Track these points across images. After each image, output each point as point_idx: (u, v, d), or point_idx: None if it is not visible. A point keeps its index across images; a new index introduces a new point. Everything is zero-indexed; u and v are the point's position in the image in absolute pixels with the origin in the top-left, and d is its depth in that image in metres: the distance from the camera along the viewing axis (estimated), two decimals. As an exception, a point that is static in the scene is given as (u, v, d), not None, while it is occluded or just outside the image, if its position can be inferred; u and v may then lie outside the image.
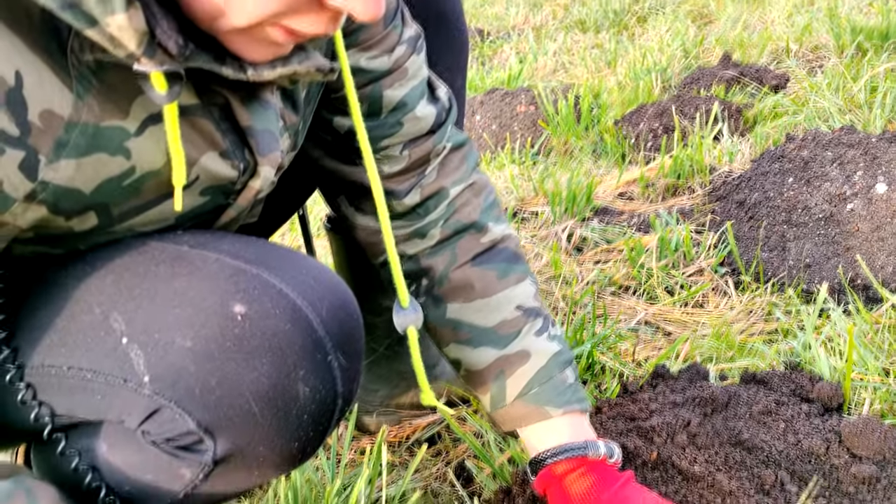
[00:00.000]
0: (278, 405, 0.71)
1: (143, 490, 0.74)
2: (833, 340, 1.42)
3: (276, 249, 0.79)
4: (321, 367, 0.73)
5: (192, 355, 0.68)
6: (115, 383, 0.70)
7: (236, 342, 0.69)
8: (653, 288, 1.80)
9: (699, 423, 1.17)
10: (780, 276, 1.73)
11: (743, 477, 1.09)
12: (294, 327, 0.71)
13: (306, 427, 0.74)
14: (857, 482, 1.06)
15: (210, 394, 0.69)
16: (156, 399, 0.69)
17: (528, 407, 1.00)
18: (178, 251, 0.75)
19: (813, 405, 1.22)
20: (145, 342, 0.70)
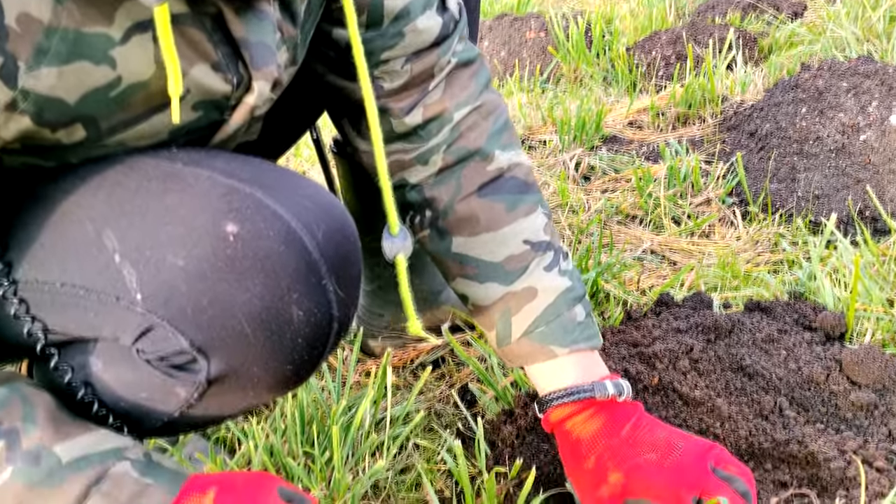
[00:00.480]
0: (271, 327, 0.70)
1: (138, 408, 0.74)
2: (839, 272, 1.42)
3: (273, 169, 0.78)
4: (316, 291, 0.72)
5: (183, 274, 0.68)
6: (108, 301, 0.70)
7: (228, 262, 0.68)
8: (659, 217, 1.79)
9: (702, 349, 1.18)
10: (788, 207, 1.72)
11: (742, 402, 1.11)
12: (288, 249, 0.70)
13: (301, 350, 0.74)
14: (856, 409, 1.08)
15: (202, 313, 0.68)
16: (148, 317, 0.69)
17: (534, 345, 0.98)
18: (170, 168, 0.73)
19: (815, 334, 1.23)
20: (137, 260, 0.69)
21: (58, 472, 0.65)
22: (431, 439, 1.21)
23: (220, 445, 1.23)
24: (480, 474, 1.06)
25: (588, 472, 0.91)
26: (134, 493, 0.66)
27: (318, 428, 1.13)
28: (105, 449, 0.68)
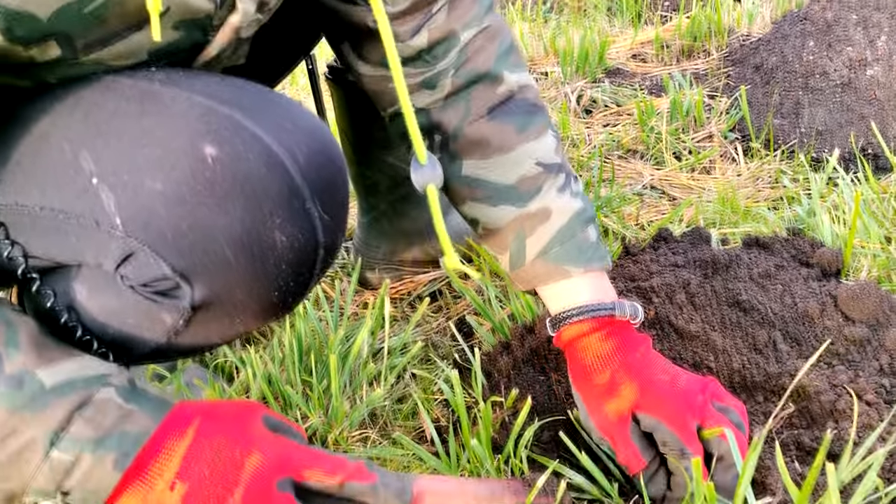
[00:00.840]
0: (254, 252, 0.69)
1: (126, 335, 0.74)
2: (839, 208, 1.42)
3: (256, 91, 0.75)
4: (299, 216, 0.71)
5: (162, 198, 0.66)
6: (88, 225, 0.69)
7: (207, 185, 0.66)
8: (661, 152, 1.78)
9: (698, 283, 1.18)
10: (790, 142, 1.70)
11: (737, 336, 1.12)
12: (269, 172, 0.68)
13: (285, 276, 0.73)
14: (849, 343, 1.08)
15: (182, 238, 0.67)
16: (129, 242, 0.68)
17: (548, 266, 0.97)
18: (148, 88, 0.71)
19: (812, 270, 1.23)
20: (115, 183, 0.67)
21: (41, 397, 0.64)
22: (428, 370, 1.22)
23: (218, 373, 1.24)
24: (477, 404, 1.08)
25: (599, 385, 0.91)
26: (118, 419, 0.66)
27: (316, 357, 1.14)
28: (89, 375, 0.68)
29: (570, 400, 1.05)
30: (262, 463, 0.70)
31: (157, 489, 0.67)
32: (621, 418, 0.88)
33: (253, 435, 0.72)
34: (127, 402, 0.67)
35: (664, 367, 0.93)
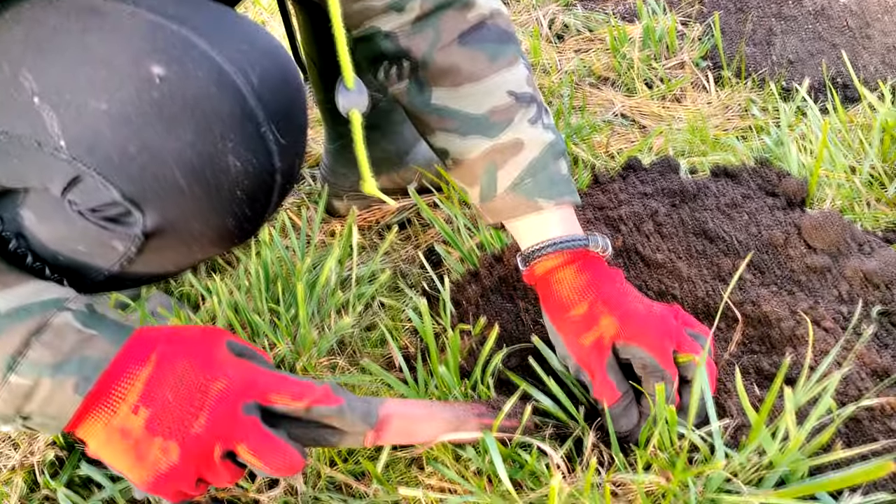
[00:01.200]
0: (206, 178, 0.67)
1: (77, 262, 0.72)
2: (806, 138, 1.42)
3: (209, 8, 0.71)
4: (253, 140, 0.68)
5: (107, 119, 0.63)
6: (30, 146, 0.66)
7: (155, 106, 0.64)
8: (632, 80, 1.76)
9: (666, 213, 1.19)
10: (761, 71, 1.69)
11: (702, 265, 1.13)
12: (220, 93, 0.66)
13: (241, 203, 0.71)
14: (810, 272, 1.10)
15: (131, 162, 0.65)
16: (74, 165, 0.65)
17: (519, 199, 0.96)
18: (91, 3, 0.67)
19: (778, 199, 1.24)
20: (57, 103, 0.64)
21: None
22: (397, 298, 1.22)
23: (183, 301, 1.23)
24: (445, 332, 1.09)
25: (577, 317, 0.91)
26: (77, 344, 0.65)
27: (284, 285, 1.13)
28: (45, 299, 0.66)
29: (537, 327, 1.06)
30: (226, 387, 0.70)
31: (120, 414, 0.67)
32: (601, 349, 0.89)
33: (217, 359, 0.72)
34: (86, 326, 0.66)
35: (639, 297, 0.94)
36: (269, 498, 0.91)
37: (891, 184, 1.29)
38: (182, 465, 0.68)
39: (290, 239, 1.26)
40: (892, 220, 1.23)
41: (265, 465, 0.70)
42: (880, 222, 1.23)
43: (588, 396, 0.93)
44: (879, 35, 1.60)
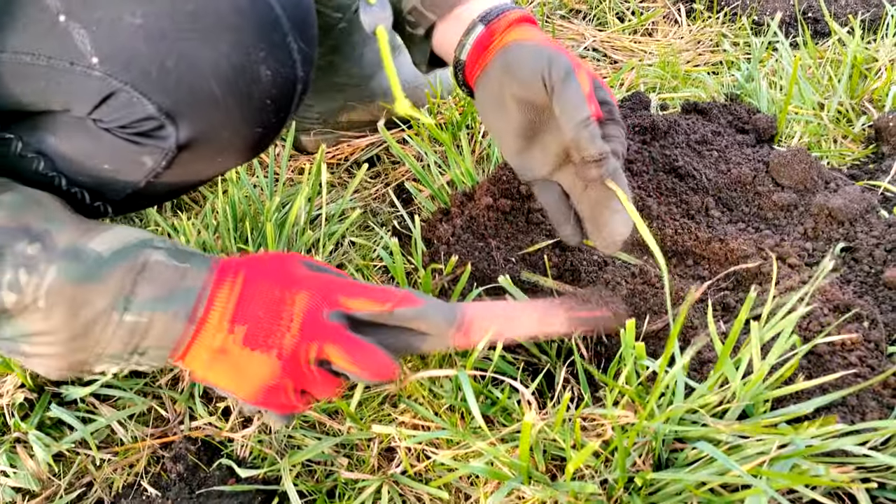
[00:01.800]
0: (241, 87, 0.69)
1: (101, 179, 0.73)
2: (777, 73, 1.42)
3: None
4: (280, 48, 0.71)
5: (143, 33, 0.64)
6: (60, 66, 0.66)
7: (190, 19, 0.65)
8: (604, 13, 1.73)
9: (636, 150, 1.19)
10: (734, 5, 1.67)
11: (672, 202, 1.14)
12: (250, 4, 0.67)
13: (268, 112, 0.73)
14: (776, 209, 1.12)
15: (167, 75, 0.66)
16: (108, 81, 0.66)
17: None
18: None
19: (747, 136, 1.24)
20: (87, 20, 0.64)
21: (101, 266, 0.65)
22: (367, 237, 1.21)
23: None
24: (416, 271, 1.09)
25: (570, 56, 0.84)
26: (176, 278, 0.68)
27: (252, 224, 1.11)
28: (136, 241, 0.69)
29: (508, 265, 1.07)
30: (310, 298, 0.72)
31: (219, 335, 0.69)
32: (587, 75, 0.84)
33: (296, 275, 0.74)
34: (178, 261, 0.69)
35: None
36: (243, 436, 0.92)
37: (857, 120, 1.30)
38: (282, 375, 0.70)
39: (258, 177, 1.24)
40: (858, 158, 1.24)
41: (358, 367, 0.71)
42: (846, 159, 1.24)
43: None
44: (852, -32, 1.59)
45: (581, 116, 0.78)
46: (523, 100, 0.83)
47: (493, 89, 0.85)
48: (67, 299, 0.65)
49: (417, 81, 1.45)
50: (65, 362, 0.69)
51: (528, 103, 0.83)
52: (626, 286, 1.03)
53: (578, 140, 0.78)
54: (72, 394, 0.96)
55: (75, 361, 0.69)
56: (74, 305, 0.65)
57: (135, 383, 0.99)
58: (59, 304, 0.65)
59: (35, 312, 0.65)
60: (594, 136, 0.78)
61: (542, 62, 0.80)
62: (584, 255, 1.08)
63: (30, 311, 0.65)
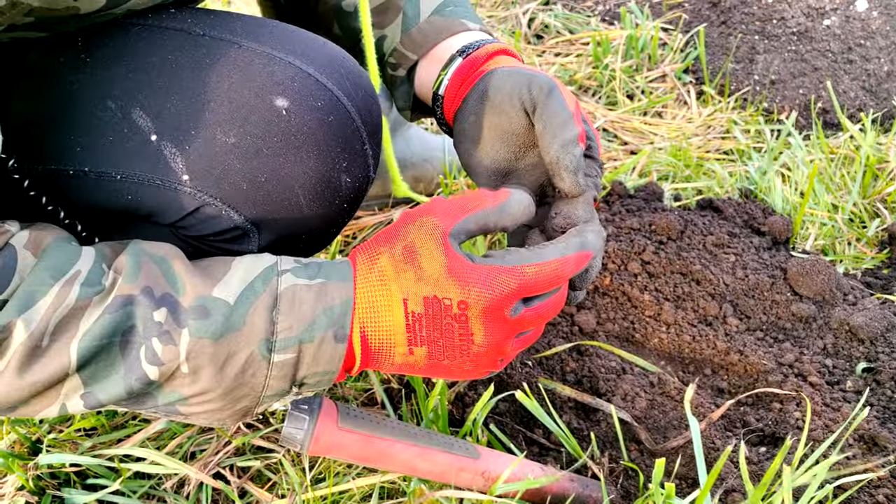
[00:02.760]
0: (324, 196, 0.72)
1: None
2: (790, 169, 1.42)
3: (296, 33, 0.75)
4: (359, 157, 0.74)
5: (237, 151, 0.67)
6: (149, 182, 0.67)
7: (282, 137, 0.68)
8: (614, 91, 1.74)
9: (654, 251, 1.18)
10: (743, 90, 1.68)
11: (688, 307, 1.13)
12: (335, 119, 0.70)
13: (343, 213, 0.77)
14: (795, 319, 1.11)
15: (258, 189, 0.68)
16: (199, 197, 0.68)
17: (446, 20, 0.91)
18: (191, 39, 0.70)
19: (763, 238, 1.24)
20: (181, 140, 0.67)
21: (233, 314, 0.63)
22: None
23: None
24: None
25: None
26: (315, 299, 0.65)
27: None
28: (259, 272, 0.66)
29: (525, 369, 1.05)
30: (478, 293, 0.65)
31: (398, 354, 0.67)
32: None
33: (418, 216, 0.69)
34: (311, 279, 0.66)
35: None
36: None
37: (871, 223, 1.31)
38: (485, 365, 0.69)
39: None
40: (873, 265, 1.24)
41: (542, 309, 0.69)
42: (860, 263, 1.24)
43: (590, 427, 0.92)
44: (860, 60, 1.61)
45: (568, 135, 0.71)
46: (502, 131, 0.77)
47: (470, 121, 0.79)
48: (209, 358, 0.63)
49: (428, 154, 1.44)
50: (227, 413, 0.68)
51: (508, 134, 0.77)
52: (645, 397, 1.01)
53: (559, 163, 0.71)
54: (75, 500, 0.93)
55: (239, 410, 0.68)
56: (218, 362, 0.63)
57: (140, 485, 0.95)
58: (204, 366, 0.63)
59: (181, 378, 0.63)
60: (576, 166, 0.71)
61: (520, 84, 0.74)
62: (603, 361, 1.06)
63: (176, 378, 0.63)
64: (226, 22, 0.72)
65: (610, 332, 1.12)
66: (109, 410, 1.03)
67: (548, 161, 0.72)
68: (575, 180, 0.72)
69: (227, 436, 0.96)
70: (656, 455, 0.93)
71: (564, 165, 0.71)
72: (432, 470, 0.81)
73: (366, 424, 0.78)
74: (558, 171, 0.72)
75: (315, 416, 0.76)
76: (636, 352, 1.11)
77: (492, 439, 0.95)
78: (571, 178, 0.72)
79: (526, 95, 0.74)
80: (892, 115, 1.58)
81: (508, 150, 0.79)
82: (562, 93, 0.74)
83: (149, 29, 0.69)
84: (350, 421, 0.78)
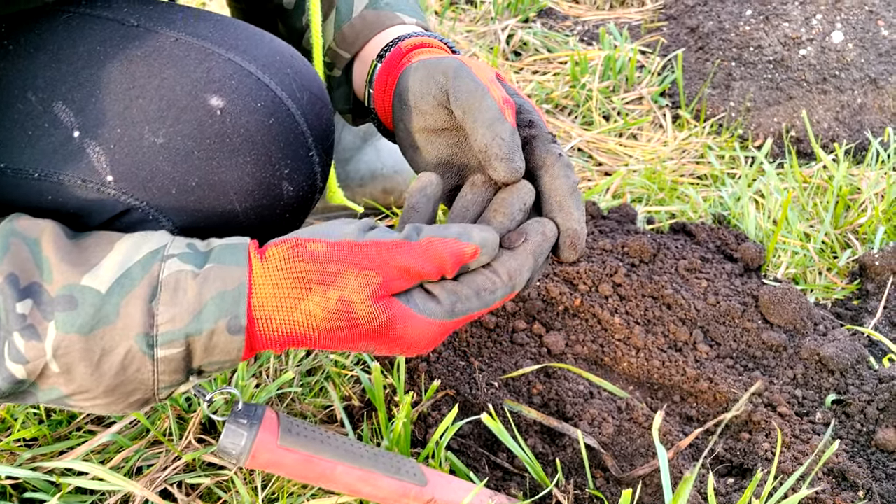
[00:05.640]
0: (263, 205, 0.67)
1: None
2: (764, 196, 1.42)
3: (242, 27, 0.69)
4: (304, 164, 0.69)
5: (166, 153, 0.62)
6: (70, 183, 0.62)
7: (217, 139, 0.63)
8: (590, 111, 1.73)
9: (625, 273, 1.16)
10: (719, 115, 1.68)
11: (658, 332, 1.11)
12: (277, 122, 0.65)
13: (286, 224, 0.71)
14: (765, 347, 1.10)
15: (189, 194, 0.63)
16: (124, 199, 0.62)
17: (380, 13, 0.86)
18: (123, 30, 0.64)
19: (736, 265, 1.23)
20: (106, 137, 0.61)
21: (105, 306, 0.56)
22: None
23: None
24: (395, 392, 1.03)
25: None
26: (201, 287, 0.57)
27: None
28: (141, 257, 0.58)
29: (491, 391, 1.02)
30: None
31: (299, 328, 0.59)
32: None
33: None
34: (199, 265, 0.58)
35: None
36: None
37: (842, 253, 1.30)
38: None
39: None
40: (843, 295, 1.23)
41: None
42: (831, 294, 1.23)
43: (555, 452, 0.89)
44: (835, 91, 1.62)
45: (487, 115, 0.61)
46: (429, 131, 0.70)
47: (400, 129, 0.72)
48: (80, 355, 0.56)
49: (399, 166, 1.41)
50: (122, 406, 0.61)
51: (437, 133, 0.70)
52: (613, 422, 0.99)
53: (488, 151, 0.62)
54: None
55: (135, 402, 0.60)
56: (92, 359, 0.56)
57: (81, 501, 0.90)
58: (75, 363, 0.56)
59: (54, 377, 0.57)
60: (509, 148, 0.61)
61: (425, 77, 0.67)
62: (570, 384, 1.04)
63: (48, 376, 0.57)
64: (165, 13, 0.67)
65: (579, 354, 1.10)
66: (53, 420, 0.98)
67: (476, 150, 0.63)
68: (510, 166, 0.60)
69: (178, 451, 0.92)
70: (623, 483, 0.90)
71: (494, 153, 0.61)
72: (375, 494, 0.78)
73: (308, 443, 0.74)
74: (488, 160, 0.61)
75: (254, 432, 0.71)
76: (605, 375, 1.08)
77: (453, 464, 0.91)
78: (503, 164, 0.61)
79: (434, 88, 0.66)
80: (864, 147, 1.59)
81: (447, 146, 0.70)
82: (471, 68, 0.65)
83: (79, 17, 0.64)
84: (291, 438, 0.73)
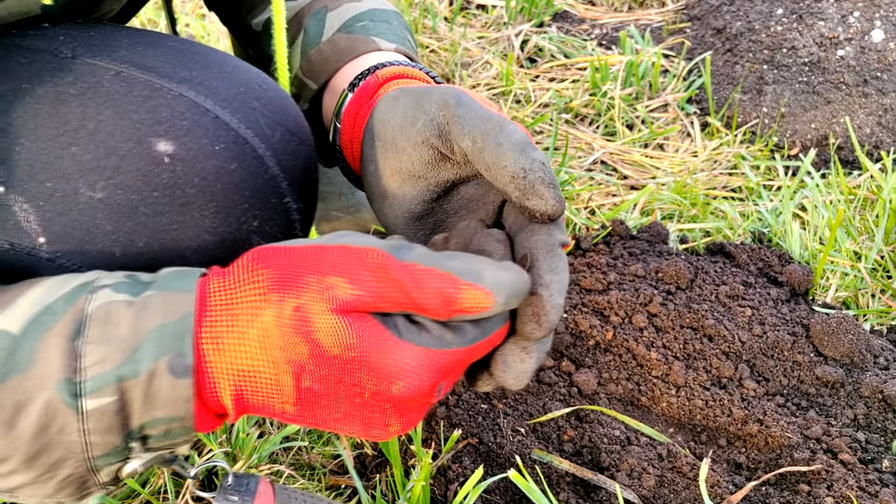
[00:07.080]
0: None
1: None
2: (805, 210, 1.31)
3: (199, 53, 0.59)
4: (277, 213, 0.59)
5: (106, 209, 0.53)
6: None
7: (166, 191, 0.53)
8: (612, 120, 1.62)
9: (661, 302, 1.06)
10: (751, 122, 1.58)
11: (700, 367, 1.01)
12: (241, 167, 0.56)
13: None
14: (820, 384, 0.99)
15: (137, 256, 0.54)
16: (59, 264, 0.53)
17: (353, 38, 0.75)
18: (55, 62, 0.55)
19: (781, 290, 1.12)
20: (35, 193, 0.52)
21: (18, 349, 0.45)
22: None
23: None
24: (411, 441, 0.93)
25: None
26: (135, 318, 0.46)
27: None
28: (67, 291, 0.48)
29: (517, 438, 0.92)
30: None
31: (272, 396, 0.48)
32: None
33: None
34: (136, 294, 0.47)
35: None
36: None
37: (896, 272, 1.19)
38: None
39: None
40: (902, 320, 1.13)
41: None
42: (886, 319, 1.12)
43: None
44: (876, 94, 1.51)
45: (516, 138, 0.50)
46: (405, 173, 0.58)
47: (370, 171, 0.61)
48: None
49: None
50: (51, 488, 0.49)
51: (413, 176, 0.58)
52: (654, 472, 0.88)
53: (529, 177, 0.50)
54: None
55: (66, 481, 0.49)
56: (6, 415, 0.46)
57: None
58: None
59: None
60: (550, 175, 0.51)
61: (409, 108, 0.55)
62: (605, 429, 0.94)
63: None
64: (108, 39, 0.58)
65: (613, 394, 0.99)
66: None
67: (506, 181, 0.51)
68: (556, 193, 0.50)
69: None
70: (669, 549, 0.80)
71: (538, 178, 0.50)
72: None
73: None
74: (531, 187, 0.50)
75: None
76: (642, 417, 0.98)
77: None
78: (551, 191, 0.50)
79: (422, 120, 0.54)
80: (911, 154, 1.48)
81: (424, 196, 0.59)
82: (472, 96, 0.55)
83: (4, 48, 0.55)
84: None
